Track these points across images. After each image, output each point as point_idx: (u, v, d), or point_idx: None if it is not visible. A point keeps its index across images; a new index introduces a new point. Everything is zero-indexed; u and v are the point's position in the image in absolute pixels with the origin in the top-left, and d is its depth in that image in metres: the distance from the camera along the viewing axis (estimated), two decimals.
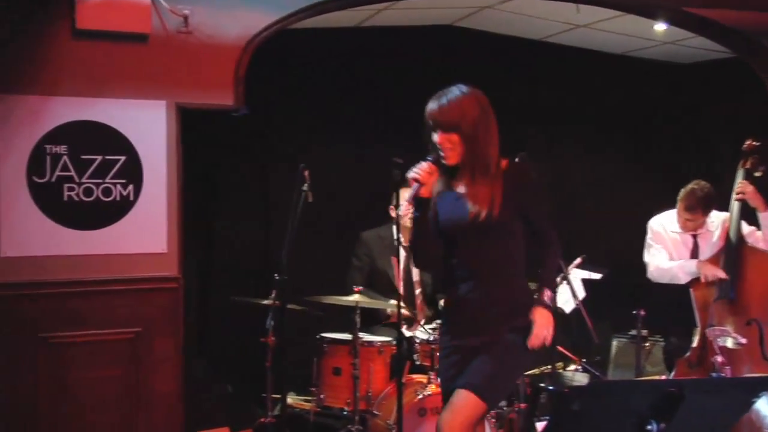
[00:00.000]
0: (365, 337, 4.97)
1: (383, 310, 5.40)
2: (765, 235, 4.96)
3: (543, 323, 3.33)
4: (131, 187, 4.58)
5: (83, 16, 4.43)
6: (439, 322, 4.16)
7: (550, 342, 3.37)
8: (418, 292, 5.56)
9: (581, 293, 4.89)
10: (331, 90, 6.31)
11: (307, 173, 4.66)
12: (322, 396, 4.92)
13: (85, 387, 4.47)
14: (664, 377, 5.13)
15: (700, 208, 5.05)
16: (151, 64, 4.61)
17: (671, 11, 5.44)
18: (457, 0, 5.99)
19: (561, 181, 6.94)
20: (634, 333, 4.83)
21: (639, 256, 5.37)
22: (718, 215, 5.15)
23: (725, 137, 6.86)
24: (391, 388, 4.74)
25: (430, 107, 3.31)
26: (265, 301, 4.81)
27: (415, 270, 5.53)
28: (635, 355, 4.88)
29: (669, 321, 4.97)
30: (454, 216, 3.35)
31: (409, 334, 5.08)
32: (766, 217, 4.94)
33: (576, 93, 7.13)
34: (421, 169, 3.29)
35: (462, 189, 3.35)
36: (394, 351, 4.89)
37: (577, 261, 5.30)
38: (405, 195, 5.13)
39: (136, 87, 4.58)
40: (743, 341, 4.56)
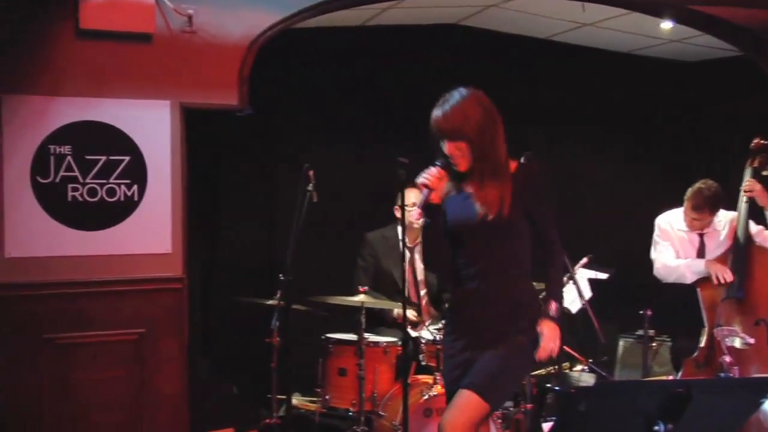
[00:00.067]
0: (370, 337, 4.95)
1: (389, 313, 5.38)
2: None
3: (550, 336, 3.35)
4: (135, 187, 4.57)
5: (87, 16, 4.42)
6: (444, 322, 4.13)
7: (557, 354, 3.42)
8: (423, 293, 5.54)
9: (588, 293, 4.88)
10: (334, 89, 6.29)
11: (311, 173, 4.64)
12: (327, 397, 4.90)
13: (90, 388, 4.46)
14: (671, 377, 5.11)
15: (707, 207, 5.02)
16: (155, 64, 4.59)
17: (677, 9, 5.41)
18: None
19: (567, 180, 6.90)
20: (641, 333, 4.82)
21: (645, 255, 5.35)
22: (726, 214, 5.13)
23: (732, 136, 6.83)
24: (397, 388, 4.72)
25: (434, 117, 3.29)
26: (269, 302, 4.80)
27: (420, 270, 5.51)
28: (642, 356, 4.87)
29: (676, 321, 4.95)
30: (462, 216, 3.34)
31: (414, 334, 5.06)
32: None
33: (582, 92, 7.10)
34: (431, 175, 3.27)
35: (471, 189, 3.34)
36: (399, 351, 4.88)
37: (584, 261, 5.26)
38: (410, 195, 5.17)
39: (140, 87, 4.57)
40: (751, 341, 4.54)
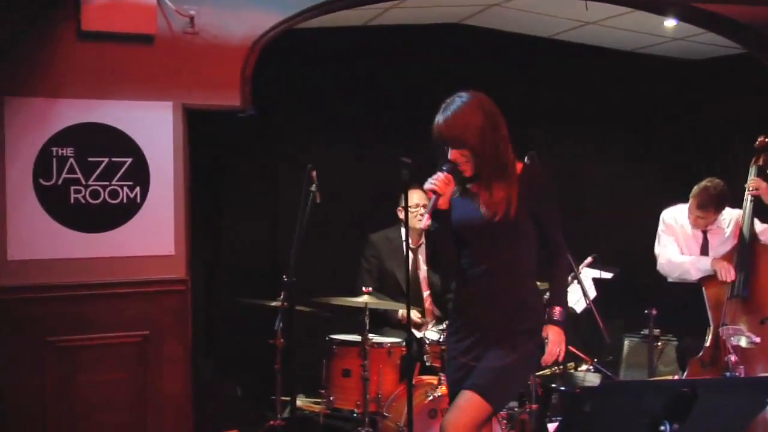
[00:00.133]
0: (375, 338, 4.94)
1: (393, 314, 5.37)
2: None
3: (556, 341, 3.36)
4: (138, 189, 4.56)
5: (88, 18, 4.41)
6: (448, 322, 4.12)
7: (562, 358, 3.43)
8: (426, 294, 5.53)
9: (592, 293, 4.86)
10: (336, 89, 6.28)
11: (314, 174, 4.62)
12: (331, 398, 4.89)
13: (93, 390, 4.44)
14: (676, 377, 5.09)
15: (712, 206, 5.00)
16: (157, 66, 4.58)
17: (681, 7, 5.39)
18: None
19: (568, 180, 6.88)
20: (646, 332, 4.80)
21: (648, 255, 5.33)
22: (730, 212, 5.12)
23: (733, 135, 6.81)
24: (401, 389, 4.71)
25: (436, 124, 3.28)
26: (273, 303, 4.78)
27: (423, 270, 5.50)
28: (647, 355, 4.86)
29: (681, 320, 4.94)
30: (468, 217, 3.33)
31: (419, 335, 5.04)
32: None
33: (585, 90, 7.08)
34: (439, 180, 3.24)
35: (477, 190, 3.32)
36: (403, 352, 4.86)
37: (588, 260, 5.26)
38: (413, 196, 5.16)
39: (142, 88, 4.55)
40: (757, 340, 4.53)
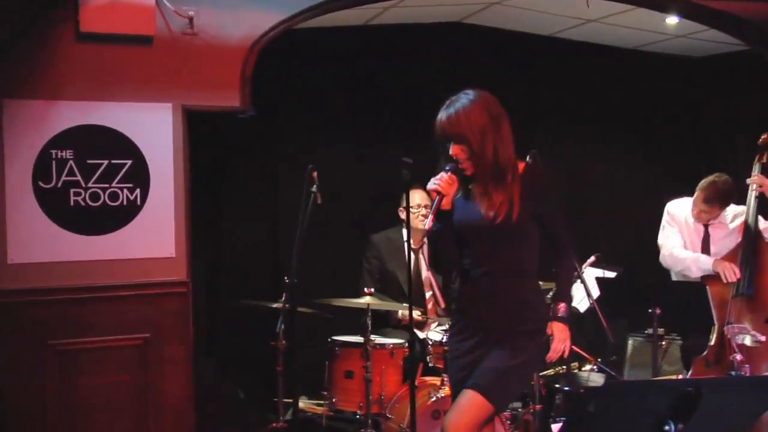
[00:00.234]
0: (377, 339, 4.92)
1: (394, 314, 5.35)
2: None
3: (561, 338, 3.37)
4: (138, 191, 4.54)
5: (87, 19, 4.38)
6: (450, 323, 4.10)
7: (567, 355, 3.43)
8: (429, 295, 5.51)
9: (596, 292, 4.84)
10: (337, 89, 6.25)
11: (315, 174, 4.60)
12: (334, 400, 4.88)
13: (94, 394, 4.42)
14: (681, 376, 5.07)
15: (718, 201, 4.99)
16: (157, 67, 4.56)
17: (683, 3, 5.37)
18: None
19: (573, 178, 6.86)
20: (650, 332, 4.79)
21: (652, 254, 5.30)
22: (734, 208, 5.11)
23: (739, 131, 6.78)
24: (404, 390, 4.69)
25: (439, 119, 3.27)
26: (275, 305, 4.77)
27: (425, 271, 5.47)
28: (652, 355, 4.84)
29: (686, 319, 4.91)
30: (470, 218, 3.31)
31: (422, 335, 5.03)
32: None
33: (586, 89, 7.05)
34: (442, 181, 3.23)
35: (479, 192, 3.30)
36: (406, 353, 4.84)
37: (591, 259, 5.23)
38: (414, 196, 5.14)
39: (141, 90, 4.53)
40: (762, 339, 4.51)
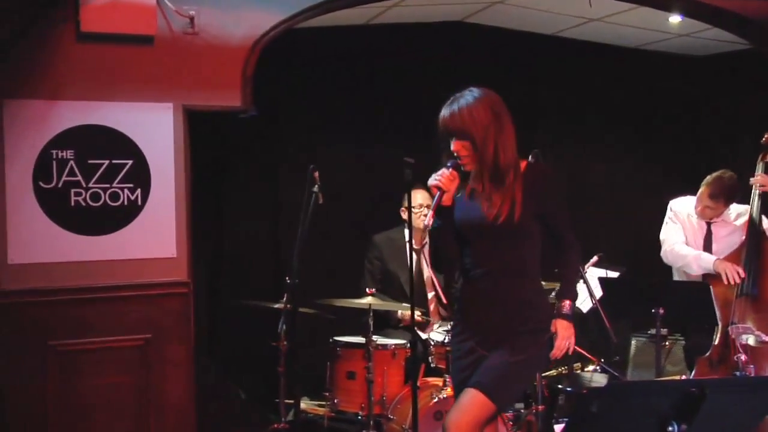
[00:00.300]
0: (379, 340, 4.91)
1: (394, 314, 5.34)
2: None
3: (565, 335, 3.36)
4: (139, 191, 4.53)
5: (88, 19, 4.37)
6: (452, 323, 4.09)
7: (572, 352, 3.42)
8: (431, 296, 5.49)
9: (598, 292, 4.82)
10: (338, 89, 6.24)
11: (317, 174, 4.59)
12: (336, 401, 4.86)
13: (96, 394, 4.42)
14: (684, 377, 5.05)
15: (723, 197, 4.96)
16: (158, 66, 4.55)
17: (686, 2, 5.36)
18: None
19: (573, 178, 6.84)
20: (653, 332, 4.76)
21: (655, 254, 5.28)
22: (736, 207, 5.09)
23: (741, 131, 6.76)
24: (406, 391, 4.67)
25: (442, 114, 3.26)
26: (276, 305, 4.75)
27: (427, 271, 5.46)
28: (655, 355, 4.82)
29: (689, 319, 4.89)
30: (471, 218, 3.30)
31: (424, 336, 5.01)
32: None
33: (588, 89, 7.03)
34: (443, 176, 3.22)
35: (480, 191, 3.29)
36: (408, 354, 4.83)
37: (594, 259, 5.22)
38: (416, 196, 5.13)
39: (142, 90, 4.52)
40: (766, 339, 4.48)
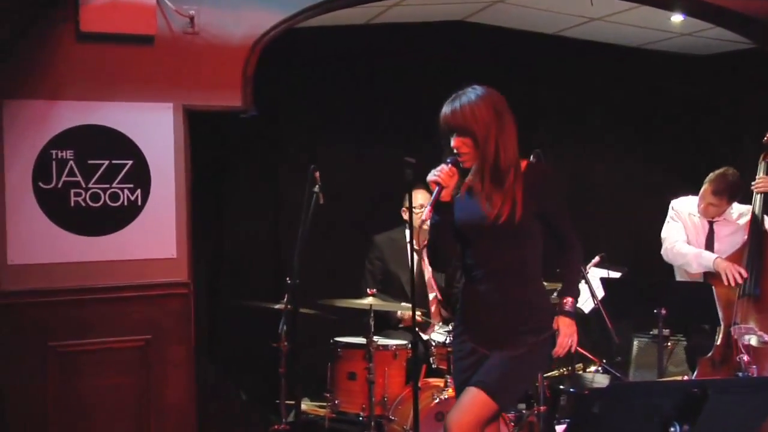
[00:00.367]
0: (380, 340, 4.89)
1: (394, 314, 5.33)
2: None
3: (567, 332, 3.35)
4: (139, 191, 4.52)
5: (87, 19, 4.36)
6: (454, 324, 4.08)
7: (575, 350, 3.42)
8: (432, 296, 5.48)
9: (600, 292, 4.81)
10: (338, 89, 6.23)
11: (317, 174, 4.58)
12: (336, 401, 4.85)
13: (96, 395, 4.41)
14: (686, 377, 5.04)
15: (726, 194, 4.95)
16: (158, 66, 4.54)
17: (688, 1, 5.34)
18: None
19: (574, 178, 6.83)
20: (655, 332, 4.75)
21: (657, 255, 5.26)
22: (738, 207, 5.07)
23: (744, 130, 6.74)
24: (407, 392, 4.66)
25: (444, 110, 3.26)
26: (277, 305, 4.74)
27: (428, 272, 5.45)
28: (657, 355, 4.81)
29: (691, 319, 4.88)
30: (471, 217, 3.29)
31: (425, 337, 5.00)
32: None
33: (589, 88, 7.02)
34: (442, 172, 3.21)
35: (480, 190, 3.28)
36: (409, 354, 4.82)
37: (596, 260, 5.20)
38: (417, 196, 5.11)
39: (142, 90, 4.51)
40: None
